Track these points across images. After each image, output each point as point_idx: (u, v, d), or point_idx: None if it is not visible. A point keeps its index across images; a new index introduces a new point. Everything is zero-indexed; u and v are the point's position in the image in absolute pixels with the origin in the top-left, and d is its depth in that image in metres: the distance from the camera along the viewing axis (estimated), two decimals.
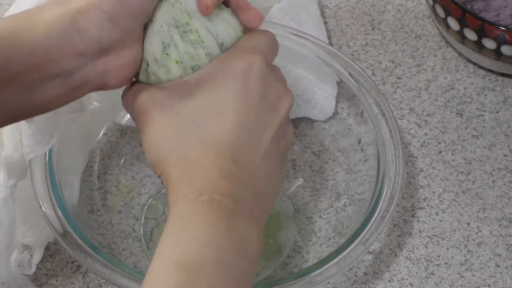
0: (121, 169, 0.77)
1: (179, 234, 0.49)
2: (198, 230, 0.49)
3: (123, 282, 0.62)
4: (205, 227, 0.49)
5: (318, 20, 0.86)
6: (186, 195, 0.51)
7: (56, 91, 0.53)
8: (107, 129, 0.78)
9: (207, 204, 0.50)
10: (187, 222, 0.50)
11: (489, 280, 0.72)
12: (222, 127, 0.53)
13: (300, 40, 0.76)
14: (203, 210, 0.50)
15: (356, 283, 0.72)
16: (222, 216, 0.50)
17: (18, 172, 0.65)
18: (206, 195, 0.51)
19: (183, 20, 0.56)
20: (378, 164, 0.70)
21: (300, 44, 0.76)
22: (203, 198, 0.50)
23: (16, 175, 0.64)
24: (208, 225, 0.50)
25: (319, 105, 0.79)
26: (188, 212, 0.50)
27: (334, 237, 0.72)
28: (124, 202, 0.75)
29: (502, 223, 0.76)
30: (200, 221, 0.50)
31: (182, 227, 0.50)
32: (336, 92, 0.80)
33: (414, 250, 0.74)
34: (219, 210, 0.50)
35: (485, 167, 0.80)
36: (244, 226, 0.51)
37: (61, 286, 0.71)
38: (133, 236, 0.73)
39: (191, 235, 0.49)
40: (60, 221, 0.65)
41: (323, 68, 0.76)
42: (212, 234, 0.49)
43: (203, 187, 0.51)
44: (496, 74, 0.87)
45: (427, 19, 0.91)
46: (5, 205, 0.64)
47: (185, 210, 0.51)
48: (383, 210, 0.67)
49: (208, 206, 0.50)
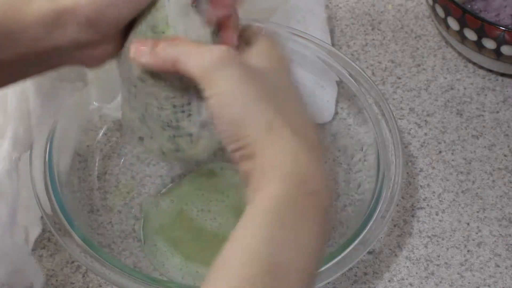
0: (121, 169, 0.77)
1: (272, 230, 0.46)
2: (293, 231, 0.47)
3: (123, 282, 0.62)
4: (301, 226, 0.47)
5: (323, 24, 0.86)
6: (290, 177, 0.48)
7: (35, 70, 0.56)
8: (107, 129, 0.78)
9: (309, 196, 0.48)
10: (283, 218, 0.47)
11: (489, 280, 0.72)
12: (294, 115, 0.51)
13: (302, 41, 0.76)
14: (304, 204, 0.48)
15: (356, 283, 0.72)
16: (318, 212, 0.48)
17: (22, 145, 0.65)
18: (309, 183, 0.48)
19: (160, 27, 0.56)
20: (378, 164, 0.70)
21: (302, 46, 0.76)
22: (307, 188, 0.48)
23: (21, 148, 0.65)
24: (305, 224, 0.47)
25: (319, 108, 0.79)
26: (288, 205, 0.47)
27: (334, 237, 0.72)
28: (124, 202, 0.75)
29: (502, 223, 0.76)
30: (298, 219, 0.47)
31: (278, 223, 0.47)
32: (336, 95, 0.80)
33: (414, 250, 0.74)
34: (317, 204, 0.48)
35: (485, 167, 0.80)
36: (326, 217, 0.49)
37: (61, 286, 0.71)
38: (133, 236, 0.73)
39: (286, 235, 0.46)
40: (59, 220, 0.65)
41: (324, 71, 0.76)
42: (305, 235, 0.47)
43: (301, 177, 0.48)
44: (496, 74, 0.87)
45: (427, 19, 0.91)
46: (8, 177, 0.64)
47: (284, 201, 0.47)
48: (383, 210, 0.67)
49: (309, 199, 0.48)
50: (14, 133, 0.64)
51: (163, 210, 0.74)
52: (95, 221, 0.73)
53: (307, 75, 0.78)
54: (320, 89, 0.79)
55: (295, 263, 0.47)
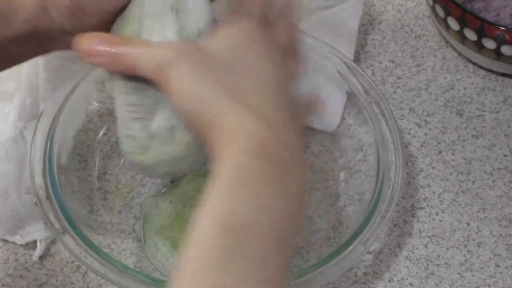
0: (121, 169, 0.77)
1: (233, 193, 0.48)
2: (253, 191, 0.48)
3: (123, 282, 0.62)
4: (262, 188, 0.48)
5: (352, 37, 0.85)
6: (245, 147, 0.49)
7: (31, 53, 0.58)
8: (107, 129, 0.78)
9: (266, 159, 0.49)
10: (244, 181, 0.48)
11: (489, 280, 0.72)
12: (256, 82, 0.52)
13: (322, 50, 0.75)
14: (262, 167, 0.48)
15: (356, 283, 0.72)
16: (279, 173, 0.49)
17: (28, 115, 0.70)
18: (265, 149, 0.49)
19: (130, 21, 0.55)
20: (378, 164, 0.70)
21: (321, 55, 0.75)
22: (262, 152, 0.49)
23: (26, 117, 0.70)
24: (265, 185, 0.48)
25: (326, 118, 0.79)
26: (246, 170, 0.48)
27: (334, 237, 0.72)
28: (124, 202, 0.75)
29: (502, 223, 0.76)
30: (258, 181, 0.48)
31: (237, 186, 0.48)
32: (344, 104, 0.79)
33: (414, 250, 0.74)
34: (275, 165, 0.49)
35: (485, 167, 0.80)
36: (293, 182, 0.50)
37: (61, 286, 0.71)
38: (133, 236, 0.73)
39: (247, 196, 0.47)
40: (59, 220, 0.65)
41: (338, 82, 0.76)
42: (267, 195, 0.48)
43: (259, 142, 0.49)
44: (496, 74, 0.87)
45: (427, 19, 0.91)
46: (14, 143, 0.71)
47: (242, 167, 0.48)
48: (383, 210, 0.67)
49: (267, 162, 0.49)
50: (21, 103, 0.68)
51: (163, 210, 0.74)
52: (95, 221, 0.73)
53: (321, 84, 0.78)
54: (331, 101, 0.78)
55: (257, 221, 0.47)
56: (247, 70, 0.53)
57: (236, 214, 0.47)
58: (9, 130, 0.71)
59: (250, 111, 0.51)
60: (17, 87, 0.70)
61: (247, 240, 0.46)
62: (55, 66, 0.66)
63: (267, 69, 0.54)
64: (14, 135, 0.71)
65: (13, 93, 0.71)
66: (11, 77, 0.71)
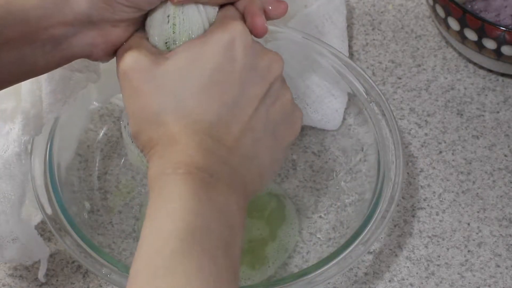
0: (121, 169, 0.77)
1: (166, 206, 0.50)
2: (183, 200, 0.50)
3: (123, 282, 0.62)
4: (188, 196, 0.50)
5: (342, 33, 0.84)
6: (165, 170, 0.52)
7: (45, 58, 0.55)
8: (107, 129, 0.78)
9: (186, 175, 0.51)
10: (171, 194, 0.50)
11: (489, 280, 0.72)
12: (202, 103, 0.54)
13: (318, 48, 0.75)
14: (183, 181, 0.51)
15: (356, 283, 0.72)
16: (202, 186, 0.51)
17: (33, 128, 0.65)
18: (183, 168, 0.51)
19: None
20: (378, 164, 0.70)
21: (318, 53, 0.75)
22: (180, 171, 0.51)
23: (31, 131, 0.65)
24: (191, 194, 0.50)
25: (327, 117, 0.79)
26: (170, 185, 0.51)
27: (334, 237, 0.72)
28: (124, 202, 0.75)
29: (503, 223, 0.76)
30: (183, 191, 0.50)
31: (167, 199, 0.50)
32: (345, 105, 0.79)
33: (415, 250, 0.74)
34: (198, 181, 0.51)
35: (486, 167, 0.80)
36: (223, 197, 0.51)
37: (61, 286, 0.71)
38: (133, 236, 0.73)
39: (178, 204, 0.49)
40: (59, 220, 0.65)
41: (337, 80, 0.76)
42: (196, 202, 0.50)
43: (180, 162, 0.52)
44: (496, 74, 0.87)
45: (427, 19, 0.91)
46: (18, 159, 0.65)
47: (167, 184, 0.51)
48: (383, 210, 0.67)
49: (187, 177, 0.51)
50: (25, 116, 0.65)
51: None
52: (95, 221, 0.73)
53: (319, 81, 0.78)
54: (331, 98, 0.78)
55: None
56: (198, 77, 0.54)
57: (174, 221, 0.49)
58: (12, 146, 0.66)
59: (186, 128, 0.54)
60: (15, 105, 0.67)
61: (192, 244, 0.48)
62: (58, 77, 0.63)
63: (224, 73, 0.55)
64: (18, 151, 0.66)
65: (12, 112, 0.68)
66: (11, 96, 0.68)
